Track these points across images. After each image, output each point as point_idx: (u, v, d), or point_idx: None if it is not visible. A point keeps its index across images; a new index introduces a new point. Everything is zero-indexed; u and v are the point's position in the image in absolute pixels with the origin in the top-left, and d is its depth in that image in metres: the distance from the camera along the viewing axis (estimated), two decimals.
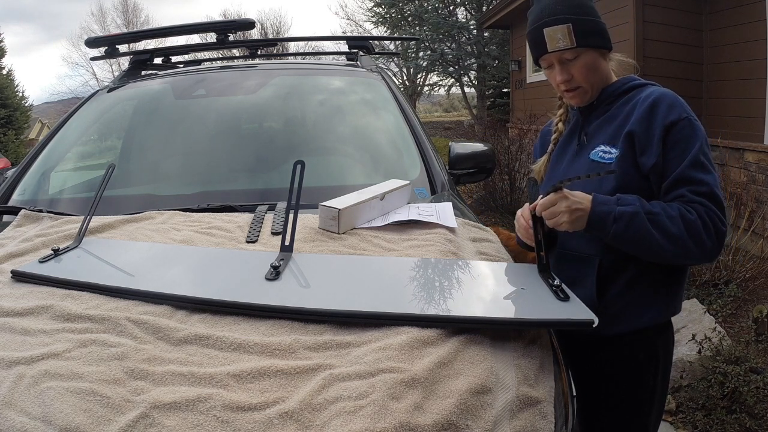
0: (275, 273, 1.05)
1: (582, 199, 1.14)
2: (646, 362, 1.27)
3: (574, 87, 1.25)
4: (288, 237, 1.16)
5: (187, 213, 1.46)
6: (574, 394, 0.97)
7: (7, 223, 1.47)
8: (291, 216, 1.17)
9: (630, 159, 1.18)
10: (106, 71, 24.07)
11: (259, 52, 3.07)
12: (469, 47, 15.17)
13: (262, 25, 26.85)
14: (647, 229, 1.11)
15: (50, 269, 1.12)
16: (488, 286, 1.07)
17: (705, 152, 1.16)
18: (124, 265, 1.13)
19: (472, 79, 16.14)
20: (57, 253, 1.18)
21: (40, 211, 1.51)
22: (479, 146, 2.12)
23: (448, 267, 1.15)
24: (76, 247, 1.23)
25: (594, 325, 0.91)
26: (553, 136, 1.39)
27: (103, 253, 1.20)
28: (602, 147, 1.23)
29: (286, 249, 1.16)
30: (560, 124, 1.38)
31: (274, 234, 1.30)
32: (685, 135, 1.16)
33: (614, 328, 1.23)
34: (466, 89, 17.05)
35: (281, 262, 1.09)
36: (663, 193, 1.17)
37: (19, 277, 1.10)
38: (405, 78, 19.81)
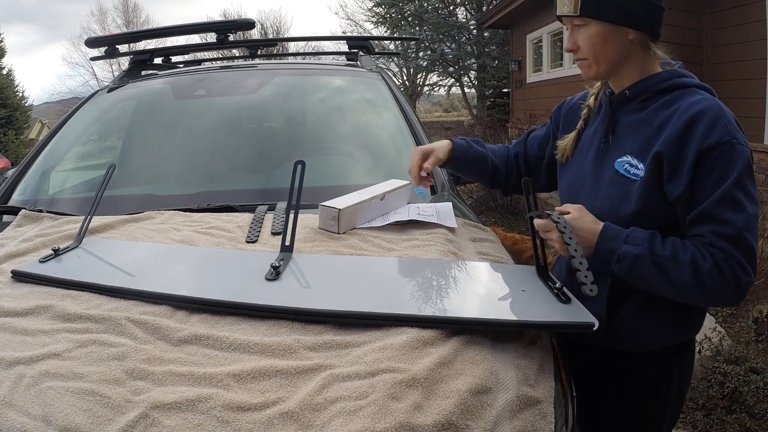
0: (275, 273, 1.05)
1: (588, 231, 1.07)
2: (658, 379, 1.21)
3: (581, 58, 1.15)
4: (288, 237, 1.16)
5: (187, 213, 1.46)
6: (574, 394, 0.97)
7: (7, 223, 1.47)
8: (291, 216, 1.17)
9: (655, 182, 1.07)
10: (106, 71, 24.09)
11: (259, 52, 3.07)
12: (469, 47, 15.17)
13: (262, 25, 26.87)
14: (652, 272, 1.03)
15: (50, 269, 1.12)
16: (488, 287, 1.07)
17: (743, 184, 1.01)
18: (125, 265, 1.13)
19: (472, 79, 16.15)
20: (57, 253, 1.18)
21: (40, 211, 1.51)
22: None
23: (448, 268, 1.15)
24: (76, 247, 1.23)
25: (594, 329, 0.91)
26: (584, 111, 1.27)
27: (103, 253, 1.20)
28: (629, 158, 1.12)
29: (287, 249, 1.16)
30: (592, 99, 1.26)
31: (274, 234, 1.30)
32: (722, 163, 1.01)
33: (627, 346, 1.19)
34: (466, 89, 17.06)
35: (281, 263, 1.09)
36: (686, 227, 1.06)
37: (19, 277, 1.10)
38: (405, 78, 19.82)
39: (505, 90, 13.11)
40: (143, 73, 2.38)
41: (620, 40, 1.11)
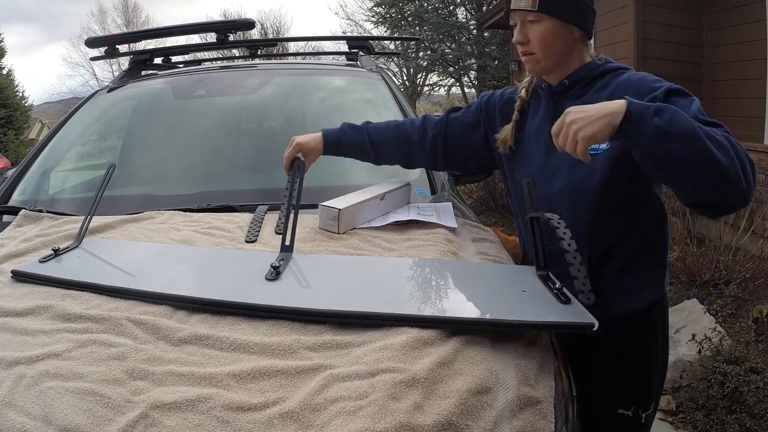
0: (275, 273, 1.05)
1: (606, 106, 0.98)
2: (644, 337, 1.28)
3: (529, 52, 1.21)
4: (288, 237, 1.16)
5: (187, 213, 1.46)
6: (575, 394, 0.97)
7: (7, 223, 1.47)
8: (291, 216, 1.17)
9: (621, 148, 1.12)
10: (106, 71, 24.06)
11: (259, 52, 3.07)
12: (469, 47, 15.16)
13: (262, 25, 26.84)
14: (690, 127, 0.94)
15: (50, 269, 1.12)
16: (489, 287, 1.07)
17: (703, 111, 1.04)
18: (125, 265, 1.13)
19: (472, 79, 16.14)
20: (57, 253, 1.18)
21: (40, 211, 1.51)
22: None
23: (448, 268, 1.15)
24: (76, 247, 1.23)
25: (594, 329, 0.91)
26: (517, 104, 1.33)
27: (103, 253, 1.20)
28: None
29: (287, 249, 1.16)
30: (524, 91, 1.32)
31: (274, 234, 1.30)
32: (681, 96, 1.07)
33: (609, 314, 1.20)
34: (466, 89, 17.03)
35: (281, 263, 1.09)
36: None
37: (19, 277, 1.10)
38: (405, 78, 19.81)
39: None
40: (143, 73, 2.38)
41: (568, 37, 1.20)
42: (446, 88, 18.80)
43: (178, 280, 1.07)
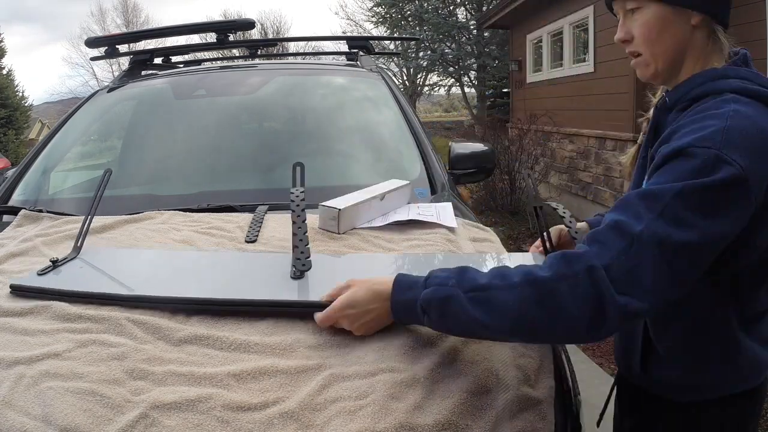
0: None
1: (375, 297, 0.85)
2: None
3: (635, 52, 0.96)
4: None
5: (187, 213, 1.46)
6: (578, 394, 0.97)
7: (7, 223, 1.47)
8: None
9: None
10: (106, 71, 24.08)
11: (259, 52, 3.07)
12: (469, 47, 15.18)
13: (262, 25, 26.89)
14: (468, 314, 0.77)
15: (49, 282, 1.07)
16: None
17: (689, 201, 0.76)
18: (125, 278, 1.08)
19: (472, 79, 16.17)
20: (55, 264, 1.13)
21: (40, 211, 1.51)
22: (479, 146, 2.12)
23: (449, 263, 1.14)
24: (74, 258, 1.18)
25: None
26: (643, 125, 1.09)
27: (102, 264, 1.15)
28: None
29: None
30: (652, 109, 1.05)
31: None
32: (672, 168, 0.80)
33: (668, 395, 1.02)
34: (466, 89, 17.07)
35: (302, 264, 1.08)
36: None
37: (17, 291, 1.04)
38: (405, 78, 19.83)
39: (505, 90, 13.12)
40: (143, 73, 2.38)
41: (682, 26, 0.91)
42: (446, 88, 18.84)
43: (180, 292, 1.03)
